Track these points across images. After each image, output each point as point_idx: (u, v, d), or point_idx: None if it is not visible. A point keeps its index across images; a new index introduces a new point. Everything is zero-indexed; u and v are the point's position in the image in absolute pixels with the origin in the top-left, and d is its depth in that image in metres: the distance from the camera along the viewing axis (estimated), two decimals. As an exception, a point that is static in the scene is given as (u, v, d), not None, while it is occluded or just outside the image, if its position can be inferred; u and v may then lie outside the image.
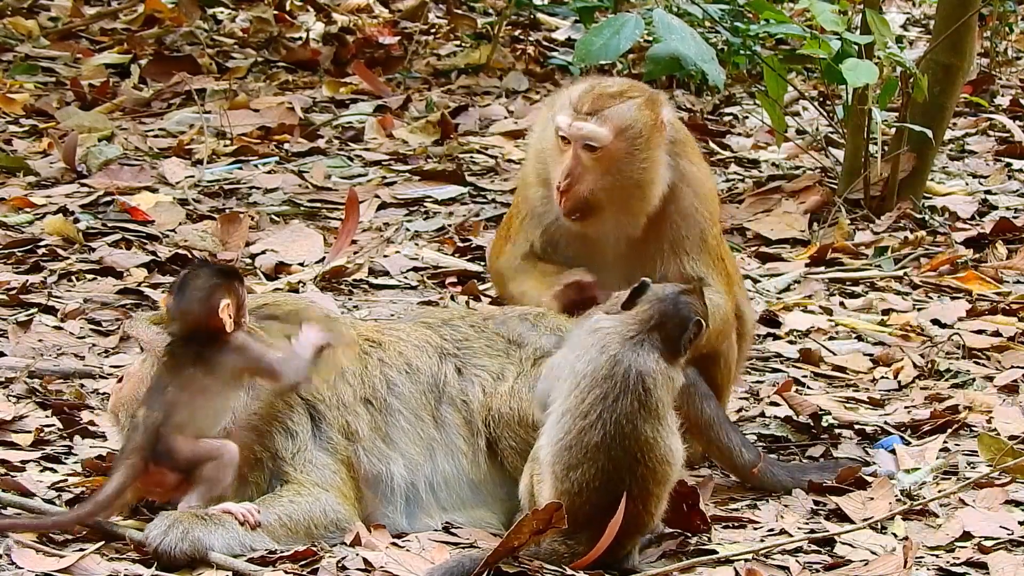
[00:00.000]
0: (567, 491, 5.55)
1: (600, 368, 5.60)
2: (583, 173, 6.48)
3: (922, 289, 9.04)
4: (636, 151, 6.50)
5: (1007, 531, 6.07)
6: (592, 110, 6.47)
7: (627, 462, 5.54)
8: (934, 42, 10.06)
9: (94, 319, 8.01)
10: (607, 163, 6.48)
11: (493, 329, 6.13)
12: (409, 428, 5.93)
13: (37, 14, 13.65)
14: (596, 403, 5.56)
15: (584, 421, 5.56)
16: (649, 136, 6.51)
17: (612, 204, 6.53)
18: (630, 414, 5.55)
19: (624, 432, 5.54)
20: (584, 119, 6.47)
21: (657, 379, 5.61)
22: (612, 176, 6.49)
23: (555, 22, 14.40)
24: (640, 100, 6.53)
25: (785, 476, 6.54)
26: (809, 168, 10.82)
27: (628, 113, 6.49)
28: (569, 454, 5.56)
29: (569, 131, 6.48)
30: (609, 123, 6.46)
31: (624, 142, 6.48)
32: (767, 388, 7.63)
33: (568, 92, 6.62)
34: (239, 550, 5.58)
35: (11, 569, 5.41)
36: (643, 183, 6.52)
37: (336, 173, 10.62)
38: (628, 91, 6.56)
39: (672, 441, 5.62)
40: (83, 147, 10.44)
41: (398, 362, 6.00)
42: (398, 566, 5.53)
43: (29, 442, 6.55)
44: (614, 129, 6.46)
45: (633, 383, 5.57)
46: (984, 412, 7.27)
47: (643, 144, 6.50)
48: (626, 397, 5.56)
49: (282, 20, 13.96)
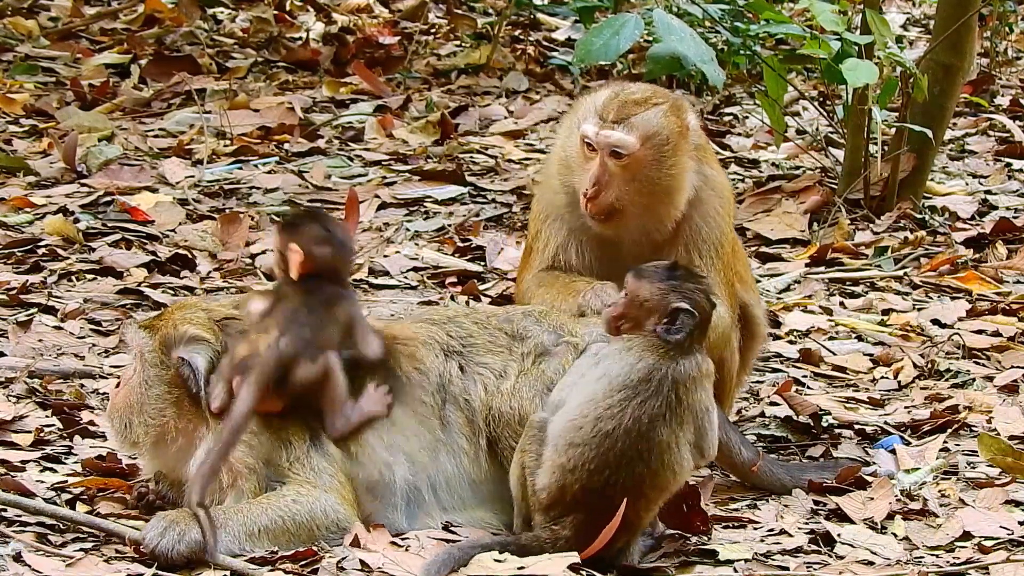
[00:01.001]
0: (562, 465, 5.59)
1: (636, 372, 5.65)
2: (610, 180, 6.51)
3: (922, 289, 9.04)
4: (663, 157, 6.53)
5: (1007, 531, 6.07)
6: (619, 118, 6.50)
7: (629, 456, 5.57)
8: (934, 42, 10.06)
9: (94, 319, 8.01)
10: (634, 170, 6.51)
11: (496, 325, 6.13)
12: (415, 432, 5.93)
13: (37, 14, 13.65)
14: (625, 400, 5.61)
15: (606, 411, 5.61)
16: (676, 143, 6.54)
17: (638, 209, 6.56)
18: (654, 415, 5.60)
19: (640, 428, 5.58)
20: (611, 127, 6.49)
21: (692, 387, 5.67)
22: (639, 182, 6.52)
23: (555, 22, 14.40)
24: (666, 107, 6.56)
25: (784, 475, 6.54)
26: (809, 168, 10.82)
27: (655, 120, 6.52)
28: (576, 433, 5.61)
29: (596, 139, 6.50)
30: (636, 131, 6.49)
31: (651, 149, 6.51)
32: (767, 388, 7.63)
33: (592, 99, 6.63)
34: (237, 550, 5.58)
35: (12, 569, 5.41)
36: (671, 189, 6.56)
37: (336, 173, 10.62)
38: (653, 97, 6.58)
39: (685, 452, 5.66)
40: (83, 147, 10.44)
41: (407, 366, 6.00)
42: (395, 566, 5.53)
43: (29, 442, 6.55)
44: (641, 136, 6.49)
45: (668, 389, 5.64)
46: (984, 412, 7.27)
47: (670, 151, 6.53)
48: (656, 399, 5.62)
49: (282, 20, 13.96)
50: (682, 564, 5.79)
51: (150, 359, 5.89)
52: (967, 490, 6.47)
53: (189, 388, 5.83)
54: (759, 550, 5.91)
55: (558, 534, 5.61)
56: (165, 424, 5.88)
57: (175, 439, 5.89)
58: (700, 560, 5.81)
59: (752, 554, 5.86)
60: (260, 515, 5.65)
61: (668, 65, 9.10)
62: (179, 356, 5.85)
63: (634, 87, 6.69)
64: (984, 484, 6.50)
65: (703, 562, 5.79)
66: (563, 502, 5.60)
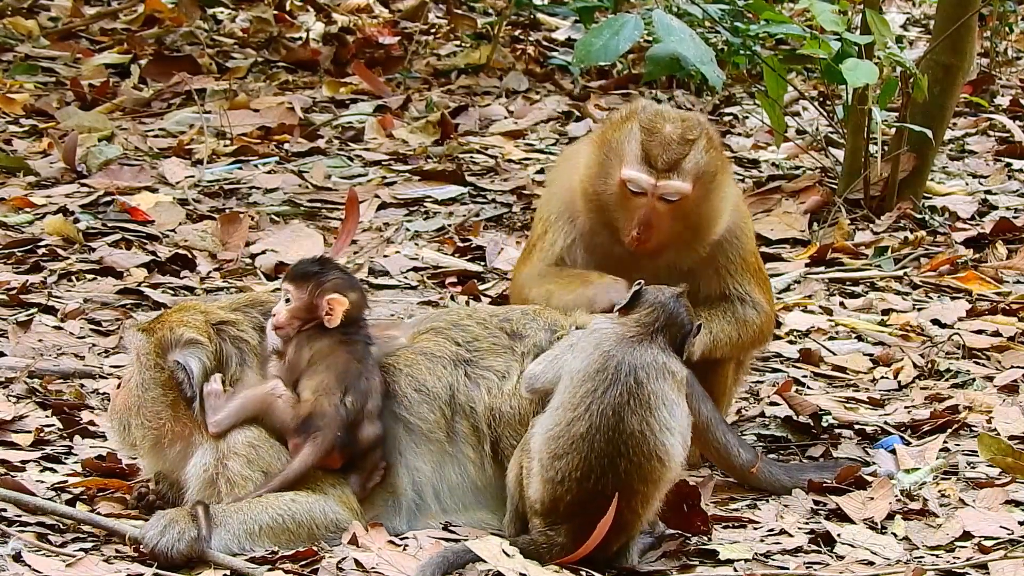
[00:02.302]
0: (551, 480, 5.58)
1: (593, 363, 5.62)
2: (659, 221, 6.49)
3: (922, 289, 9.04)
4: (711, 193, 6.54)
5: (1007, 531, 6.07)
6: (669, 165, 6.46)
7: (609, 454, 5.54)
8: (934, 42, 10.06)
9: (94, 319, 8.01)
10: (685, 208, 6.51)
11: (497, 324, 6.12)
12: (420, 449, 5.94)
13: (37, 14, 13.65)
14: (587, 395, 5.58)
15: (573, 413, 5.58)
16: (721, 176, 6.57)
17: (681, 240, 6.58)
18: (617, 405, 5.55)
19: (609, 423, 5.54)
20: (667, 177, 6.45)
21: (651, 372, 5.61)
22: (688, 218, 6.53)
23: (555, 22, 14.40)
24: (704, 141, 6.52)
25: (784, 476, 6.54)
26: (809, 168, 10.82)
27: (701, 159, 6.51)
28: (556, 443, 5.59)
29: (653, 190, 6.47)
30: (689, 176, 6.47)
31: (702, 189, 6.51)
32: (767, 388, 7.63)
33: (628, 139, 6.52)
34: (236, 550, 5.58)
35: (12, 569, 5.41)
36: (713, 219, 6.59)
37: (336, 173, 10.62)
38: (688, 132, 6.51)
39: (666, 438, 5.58)
40: (83, 147, 10.44)
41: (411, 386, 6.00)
42: (389, 566, 5.53)
43: (29, 442, 6.55)
44: (692, 179, 6.48)
45: (624, 375, 5.58)
46: (984, 412, 7.26)
47: (716, 185, 6.55)
48: (615, 388, 5.57)
49: (282, 20, 13.96)
50: (682, 564, 5.79)
51: (147, 362, 5.89)
52: (967, 490, 6.47)
53: (184, 392, 5.83)
54: (759, 550, 5.91)
55: (553, 540, 5.59)
56: (162, 426, 5.88)
57: (172, 442, 5.89)
58: (700, 560, 5.81)
59: (752, 554, 5.86)
60: (260, 513, 5.65)
61: (668, 66, 9.10)
62: (175, 360, 5.85)
63: (665, 117, 6.58)
64: (984, 484, 6.50)
65: (703, 562, 5.79)
66: (557, 512, 5.59)
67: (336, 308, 5.89)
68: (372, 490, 5.85)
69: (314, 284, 5.92)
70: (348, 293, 5.93)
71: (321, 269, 5.98)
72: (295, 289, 5.92)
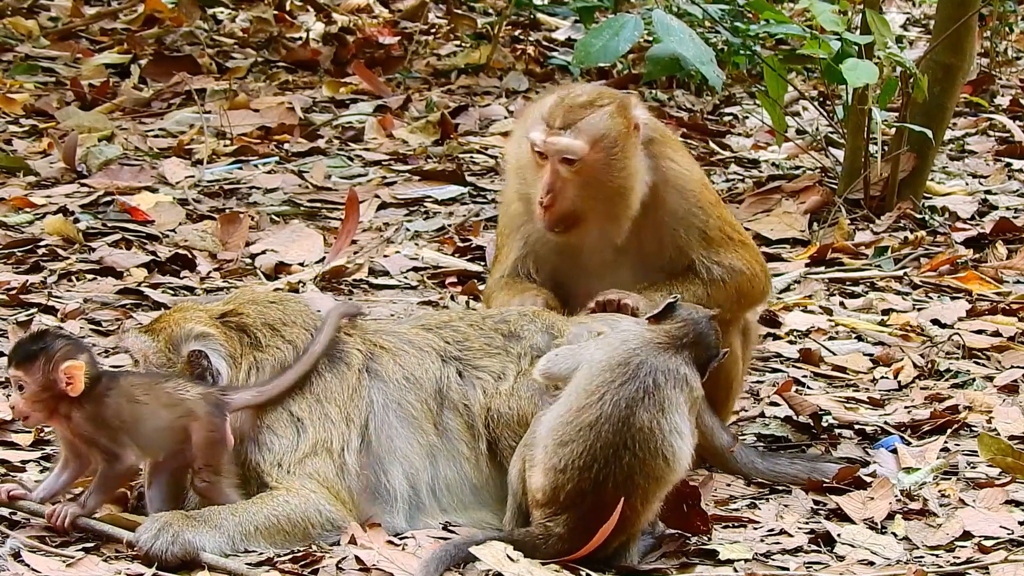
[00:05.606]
0: (553, 467, 5.58)
1: (616, 356, 5.64)
2: (563, 187, 6.47)
3: (922, 289, 9.04)
4: (613, 159, 6.48)
5: (1007, 531, 6.07)
6: (565, 124, 6.45)
7: (615, 445, 5.54)
8: (934, 42, 10.06)
9: (94, 319, 8.01)
10: (586, 174, 6.47)
11: (491, 326, 6.13)
12: (410, 437, 5.93)
13: (37, 14, 13.66)
14: (603, 384, 5.60)
15: (587, 399, 5.60)
16: (624, 143, 6.50)
17: (594, 213, 6.53)
18: (632, 399, 5.57)
19: (620, 415, 5.56)
20: (558, 133, 6.45)
21: (670, 379, 5.63)
22: (593, 187, 6.48)
23: (555, 22, 14.41)
24: (612, 107, 6.50)
25: (759, 461, 6.55)
26: (809, 168, 10.82)
27: (601, 122, 6.47)
28: (564, 429, 5.60)
29: (545, 146, 6.46)
30: (584, 135, 6.44)
31: (601, 152, 6.47)
32: (767, 388, 7.63)
33: (538, 107, 6.60)
34: (230, 551, 5.57)
35: (12, 569, 5.41)
36: (623, 190, 6.52)
37: (336, 173, 10.62)
38: (598, 99, 6.53)
39: (675, 439, 5.60)
40: (83, 147, 10.44)
41: (399, 374, 6.00)
42: (391, 564, 5.53)
43: (29, 442, 6.55)
44: (589, 140, 6.44)
45: (645, 374, 5.61)
46: (984, 412, 7.26)
47: (619, 152, 6.49)
48: (633, 383, 5.59)
49: (282, 20, 13.97)
50: (682, 564, 5.79)
51: (156, 360, 5.88)
52: (967, 490, 6.47)
53: (205, 380, 5.82)
54: (759, 550, 5.91)
55: (551, 531, 5.60)
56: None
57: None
58: (700, 560, 5.81)
59: (752, 554, 5.86)
60: (255, 514, 5.65)
61: (668, 66, 9.11)
62: (193, 350, 5.84)
63: (579, 89, 6.64)
64: (984, 484, 6.50)
65: (703, 562, 5.79)
66: (557, 501, 5.60)
67: (75, 374, 5.65)
68: (363, 483, 5.84)
69: (43, 360, 5.64)
70: (79, 356, 5.68)
71: (42, 344, 5.69)
72: (24, 374, 5.63)
